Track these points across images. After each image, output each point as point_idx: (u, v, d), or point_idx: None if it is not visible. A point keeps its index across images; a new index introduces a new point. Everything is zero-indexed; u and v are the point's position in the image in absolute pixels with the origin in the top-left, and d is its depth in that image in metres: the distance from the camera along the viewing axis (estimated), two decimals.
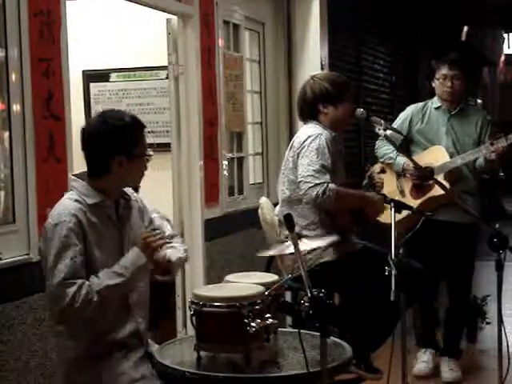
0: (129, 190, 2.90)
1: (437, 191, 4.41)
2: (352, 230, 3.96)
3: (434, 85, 4.74)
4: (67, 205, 2.72)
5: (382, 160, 4.72)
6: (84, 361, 2.72)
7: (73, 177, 2.83)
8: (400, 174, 4.66)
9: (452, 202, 4.25)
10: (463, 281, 4.78)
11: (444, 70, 4.63)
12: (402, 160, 4.58)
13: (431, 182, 4.43)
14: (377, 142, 4.78)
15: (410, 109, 4.83)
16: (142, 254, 2.71)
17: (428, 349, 4.92)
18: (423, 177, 4.46)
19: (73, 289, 2.59)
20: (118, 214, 2.82)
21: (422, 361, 4.89)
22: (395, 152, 4.59)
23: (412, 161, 3.80)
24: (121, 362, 2.71)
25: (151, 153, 2.83)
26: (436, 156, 4.55)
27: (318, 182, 3.65)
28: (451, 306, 4.82)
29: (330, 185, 3.66)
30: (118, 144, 2.72)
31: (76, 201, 2.72)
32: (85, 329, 2.71)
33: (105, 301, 2.64)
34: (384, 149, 4.69)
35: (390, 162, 4.63)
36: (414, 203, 4.38)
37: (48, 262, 2.65)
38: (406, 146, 4.64)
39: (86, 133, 2.78)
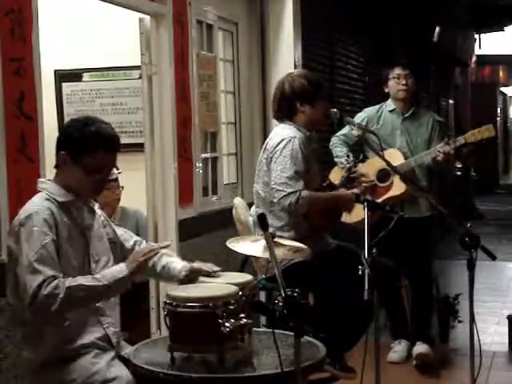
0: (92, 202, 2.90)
1: (395, 191, 4.76)
2: (326, 230, 3.98)
3: (387, 89, 5.09)
4: (38, 201, 2.70)
5: (335, 159, 4.96)
6: (51, 364, 2.67)
7: (41, 179, 2.82)
8: None
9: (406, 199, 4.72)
10: (424, 272, 4.98)
11: (398, 70, 5.05)
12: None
13: (390, 182, 4.77)
14: (332, 139, 5.04)
15: (367, 111, 5.14)
16: (124, 267, 2.68)
17: (402, 340, 5.08)
18: (385, 175, 4.79)
19: (39, 277, 2.53)
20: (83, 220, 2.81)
21: (395, 350, 5.05)
22: (346, 156, 4.68)
23: (382, 158, 3.86)
24: (92, 362, 2.68)
25: (112, 177, 2.85)
26: (391, 158, 4.64)
27: (290, 190, 3.68)
28: (414, 297, 5.02)
29: (302, 193, 3.69)
30: (66, 141, 2.74)
31: (47, 199, 2.71)
32: (48, 333, 2.66)
33: (70, 301, 2.56)
34: (337, 150, 4.96)
35: (341, 166, 4.72)
36: None
37: (18, 256, 2.59)
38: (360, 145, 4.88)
39: None
